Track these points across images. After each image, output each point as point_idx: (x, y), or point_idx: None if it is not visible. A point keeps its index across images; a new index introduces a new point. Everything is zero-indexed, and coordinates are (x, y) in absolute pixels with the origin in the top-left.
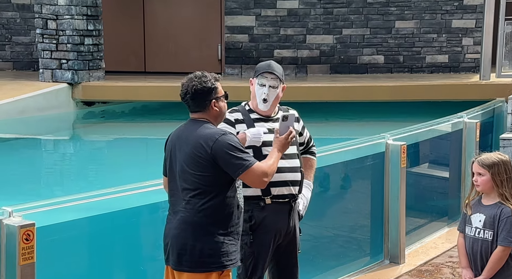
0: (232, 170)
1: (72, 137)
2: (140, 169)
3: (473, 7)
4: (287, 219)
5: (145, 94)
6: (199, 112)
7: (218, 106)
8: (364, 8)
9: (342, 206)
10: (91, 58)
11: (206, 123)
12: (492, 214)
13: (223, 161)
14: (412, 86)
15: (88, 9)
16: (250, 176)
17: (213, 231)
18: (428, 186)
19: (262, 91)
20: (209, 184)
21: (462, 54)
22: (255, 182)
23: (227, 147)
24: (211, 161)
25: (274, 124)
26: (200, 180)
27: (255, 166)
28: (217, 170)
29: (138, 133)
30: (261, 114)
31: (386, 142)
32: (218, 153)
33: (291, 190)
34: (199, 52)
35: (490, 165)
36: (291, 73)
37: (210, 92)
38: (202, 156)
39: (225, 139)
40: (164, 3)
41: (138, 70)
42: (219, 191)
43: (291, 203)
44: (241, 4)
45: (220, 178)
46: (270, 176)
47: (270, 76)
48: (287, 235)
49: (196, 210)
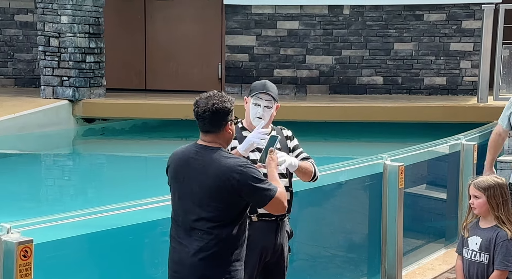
0: (258, 201)
1: (72, 154)
2: (140, 186)
3: (471, 31)
4: (274, 237)
5: (145, 112)
6: (211, 133)
7: (232, 129)
8: (363, 29)
9: (339, 226)
10: (92, 76)
11: (220, 151)
12: (488, 237)
13: (249, 194)
14: (410, 108)
15: (91, 27)
16: (275, 204)
17: (231, 259)
18: (425, 207)
19: (257, 111)
20: (230, 216)
21: (460, 76)
22: (278, 210)
23: (253, 180)
24: (235, 193)
25: None
26: (223, 211)
27: (278, 193)
28: (239, 201)
29: (138, 151)
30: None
31: (384, 163)
32: (244, 186)
33: None
34: (200, 70)
35: (486, 187)
36: (290, 93)
37: (229, 112)
38: (226, 188)
39: (250, 171)
40: (165, 22)
41: (139, 88)
42: (238, 221)
43: (278, 222)
44: (242, 24)
45: (240, 207)
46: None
47: (265, 97)
48: (274, 253)
49: (218, 240)
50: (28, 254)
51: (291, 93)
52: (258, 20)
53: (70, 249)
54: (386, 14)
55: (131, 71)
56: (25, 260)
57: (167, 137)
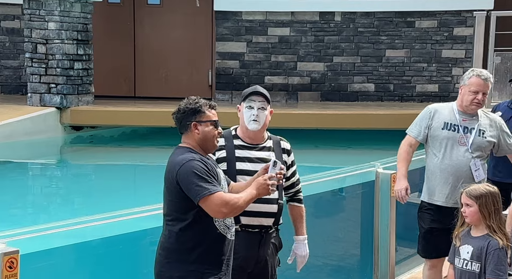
0: (192, 196)
1: (60, 162)
2: (129, 195)
3: (462, 38)
4: (256, 249)
5: (134, 119)
6: (183, 134)
7: (201, 130)
8: (355, 36)
9: (331, 235)
10: (81, 83)
11: (186, 149)
12: (480, 246)
13: (185, 187)
14: (403, 115)
15: (79, 33)
16: (208, 205)
17: (186, 258)
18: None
19: (251, 113)
20: (180, 210)
21: (452, 83)
22: (212, 211)
23: (190, 174)
24: (177, 187)
25: (259, 153)
26: (173, 206)
27: (215, 194)
28: (183, 196)
29: (127, 159)
30: (246, 141)
31: (376, 170)
32: (181, 179)
33: (261, 222)
34: (190, 77)
35: (477, 196)
36: (281, 100)
37: (192, 113)
38: (171, 182)
39: (189, 165)
40: (155, 28)
41: (128, 95)
42: (192, 218)
43: (262, 234)
44: (233, 30)
45: (188, 204)
46: (233, 209)
47: (258, 99)
48: (257, 264)
49: (169, 235)
50: (14, 265)
51: (282, 101)
52: (248, 27)
53: (58, 259)
54: (378, 21)
55: (120, 78)
56: (11, 271)
57: (157, 145)
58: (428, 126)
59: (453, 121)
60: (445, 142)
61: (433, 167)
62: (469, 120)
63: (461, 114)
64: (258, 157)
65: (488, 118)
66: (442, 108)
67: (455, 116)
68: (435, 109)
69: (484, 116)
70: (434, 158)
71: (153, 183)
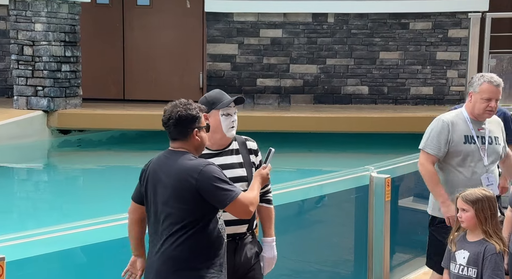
0: (219, 201)
1: (47, 166)
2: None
3: (457, 40)
4: (232, 258)
5: (123, 123)
6: (179, 140)
7: (200, 136)
8: (348, 38)
9: (325, 240)
10: (68, 85)
11: (186, 154)
12: (476, 251)
13: (209, 193)
14: (397, 118)
15: (66, 35)
16: (237, 206)
17: (194, 265)
18: (412, 220)
19: (230, 120)
20: (193, 217)
21: (447, 86)
22: (241, 212)
23: (212, 179)
24: (196, 193)
25: (224, 159)
26: (184, 213)
27: (241, 196)
28: (201, 202)
29: (116, 163)
30: (212, 148)
31: (370, 175)
32: (203, 185)
33: (236, 230)
34: (180, 80)
35: (474, 200)
36: (273, 103)
37: (194, 120)
38: (186, 189)
39: (210, 170)
40: (144, 29)
41: (117, 98)
42: (203, 224)
43: (237, 241)
44: (224, 32)
45: (203, 210)
46: (255, 206)
47: (233, 105)
48: (235, 273)
49: (177, 244)
50: (0, 272)
51: (274, 103)
52: (240, 28)
53: (44, 266)
54: (371, 23)
55: (108, 80)
56: None
57: (146, 149)
58: (449, 141)
59: (470, 133)
60: (469, 157)
61: (459, 183)
62: (481, 129)
63: (474, 124)
64: (226, 163)
65: (490, 121)
66: (456, 119)
67: (469, 126)
68: (450, 121)
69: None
70: (459, 175)
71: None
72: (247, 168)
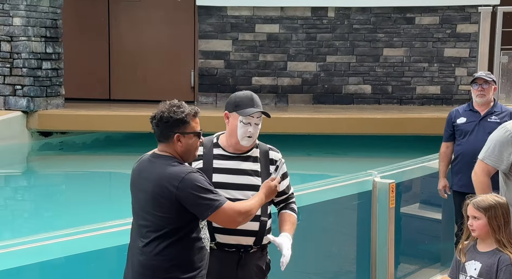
0: (200, 211)
1: (26, 171)
2: (103, 207)
3: (466, 36)
4: (234, 270)
5: (109, 125)
6: (162, 143)
7: (184, 142)
8: (349, 34)
9: (325, 250)
10: (50, 84)
11: (170, 159)
12: (490, 262)
13: (189, 203)
14: (402, 119)
15: (47, 30)
16: (221, 216)
17: (174, 275)
18: (419, 228)
19: (247, 129)
20: (173, 226)
21: (455, 85)
22: (226, 222)
23: (194, 188)
24: (176, 202)
25: (241, 164)
26: (163, 221)
27: (225, 205)
28: (181, 211)
29: (101, 167)
30: (228, 150)
31: (373, 180)
32: (183, 194)
33: (239, 240)
34: (170, 78)
35: (486, 207)
36: (270, 103)
37: (176, 124)
38: (165, 196)
39: (192, 179)
40: (131, 24)
41: (102, 97)
42: (182, 233)
43: (241, 254)
44: (217, 27)
45: (184, 219)
46: (246, 216)
47: (257, 115)
48: None
49: (156, 253)
50: None
51: (271, 103)
52: (234, 23)
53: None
54: (375, 17)
55: (93, 79)
56: None
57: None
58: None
59: None
60: None
61: None
62: None
63: None
64: (239, 168)
65: None
66: None
67: None
68: None
69: None
70: None
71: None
72: (264, 178)
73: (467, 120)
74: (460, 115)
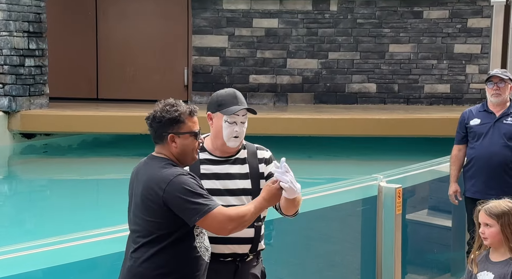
0: (187, 216)
1: (8, 176)
2: (90, 215)
3: (478, 30)
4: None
5: (96, 126)
6: (158, 144)
7: (179, 143)
8: (353, 29)
9: (327, 259)
10: (33, 83)
11: (164, 161)
12: (503, 273)
13: (177, 207)
14: (409, 120)
15: (30, 25)
16: (210, 222)
17: None
18: (427, 236)
19: (233, 129)
20: (161, 232)
21: (466, 83)
22: (215, 229)
23: (181, 191)
24: (163, 206)
25: (229, 167)
26: (152, 226)
27: (215, 210)
28: (170, 215)
29: (88, 172)
30: (215, 154)
31: (378, 184)
32: (171, 198)
33: (234, 249)
34: (162, 76)
35: (499, 214)
36: (269, 102)
37: (169, 124)
38: (153, 200)
39: (180, 181)
40: (121, 19)
41: (89, 97)
42: (172, 240)
43: (237, 263)
44: (212, 22)
45: (174, 224)
46: (239, 223)
47: (242, 113)
48: None
49: (144, 259)
50: None
51: (269, 103)
52: (230, 18)
53: None
54: (380, 11)
55: (79, 77)
56: None
57: (123, 156)
58: None
59: None
60: None
61: None
62: None
63: None
64: (228, 172)
65: None
66: None
67: None
68: None
69: None
70: None
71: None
72: (254, 180)
73: (481, 122)
74: (474, 116)
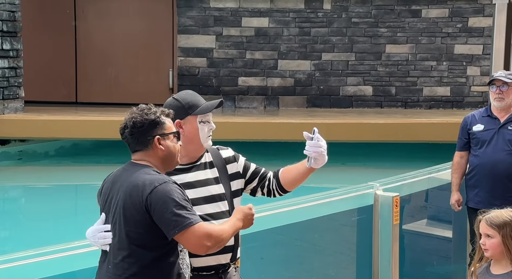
0: (167, 228)
1: None
2: (68, 225)
3: (479, 30)
4: None
5: (75, 131)
6: (140, 152)
7: (165, 145)
8: (348, 28)
9: (320, 272)
10: (7, 85)
11: (146, 168)
12: None
13: (158, 216)
14: (407, 125)
15: (4, 23)
16: (188, 238)
17: None
18: (426, 247)
19: (209, 128)
20: (142, 246)
21: (467, 86)
22: (193, 245)
23: (165, 200)
24: (146, 215)
25: (196, 174)
26: (132, 238)
27: (196, 225)
28: (152, 227)
29: (66, 180)
30: (182, 162)
31: (374, 193)
32: (153, 207)
33: (219, 260)
34: (146, 79)
35: (500, 225)
36: (259, 106)
37: (153, 126)
38: (136, 209)
39: (165, 190)
40: (101, 17)
41: (68, 100)
42: (155, 255)
43: (220, 275)
44: (198, 21)
45: (157, 238)
46: (217, 241)
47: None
48: None
49: (122, 276)
50: None
51: (260, 107)
52: (218, 16)
53: None
54: (376, 10)
55: (57, 79)
56: None
57: (103, 163)
58: None
59: None
60: None
61: None
62: None
63: None
64: (199, 179)
65: None
66: None
67: None
68: None
69: None
70: None
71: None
72: (225, 183)
73: (484, 128)
74: (477, 121)
